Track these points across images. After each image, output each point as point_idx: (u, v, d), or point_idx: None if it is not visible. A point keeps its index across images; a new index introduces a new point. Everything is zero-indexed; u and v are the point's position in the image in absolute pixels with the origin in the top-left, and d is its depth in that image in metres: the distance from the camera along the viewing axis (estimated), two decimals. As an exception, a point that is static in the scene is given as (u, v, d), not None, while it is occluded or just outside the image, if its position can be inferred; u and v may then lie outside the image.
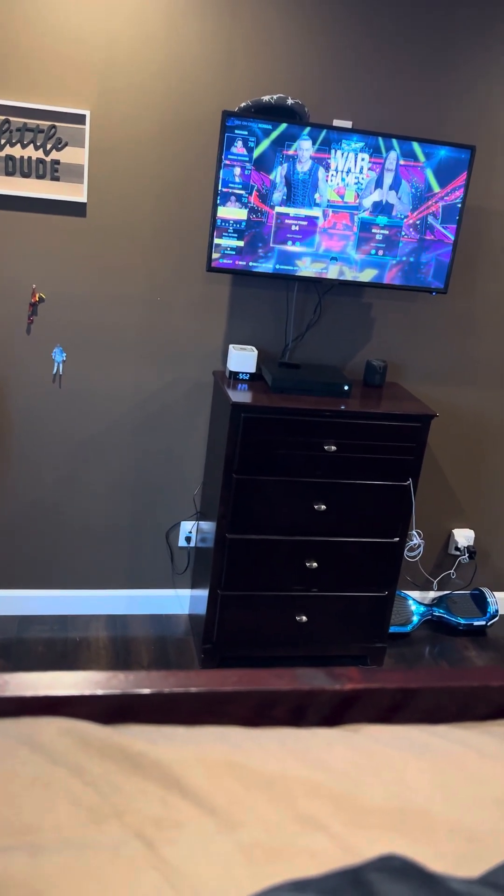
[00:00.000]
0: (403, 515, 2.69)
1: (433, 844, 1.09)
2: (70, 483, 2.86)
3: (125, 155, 2.53)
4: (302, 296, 2.79)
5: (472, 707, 1.42)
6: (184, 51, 2.45)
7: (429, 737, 1.29)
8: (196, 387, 2.84)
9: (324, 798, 1.13)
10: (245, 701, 1.32)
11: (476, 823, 1.13)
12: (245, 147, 2.37)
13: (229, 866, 1.01)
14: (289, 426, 2.50)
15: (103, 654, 2.83)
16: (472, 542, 3.26)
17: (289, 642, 2.79)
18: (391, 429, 2.57)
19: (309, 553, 2.67)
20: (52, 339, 2.67)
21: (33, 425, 2.76)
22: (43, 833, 1.03)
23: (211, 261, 2.46)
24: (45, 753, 1.14)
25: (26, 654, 2.77)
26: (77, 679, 1.28)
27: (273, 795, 1.13)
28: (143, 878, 0.97)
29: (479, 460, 3.18)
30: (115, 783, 1.12)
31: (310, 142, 2.40)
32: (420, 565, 3.28)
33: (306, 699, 1.34)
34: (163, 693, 1.29)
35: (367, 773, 1.19)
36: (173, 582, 3.09)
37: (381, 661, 2.90)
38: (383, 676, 1.38)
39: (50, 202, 2.52)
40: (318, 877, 0.88)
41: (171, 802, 1.10)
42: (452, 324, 2.94)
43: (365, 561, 2.72)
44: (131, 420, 2.83)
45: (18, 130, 2.40)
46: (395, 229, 2.54)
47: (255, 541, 2.62)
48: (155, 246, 2.64)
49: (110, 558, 3.00)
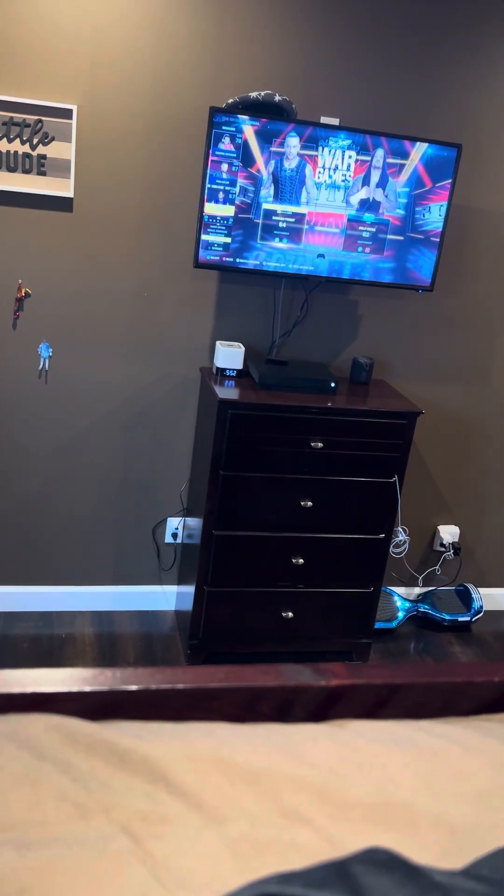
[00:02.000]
0: (389, 512, 2.71)
1: (417, 837, 1.10)
2: (56, 479, 2.86)
3: (112, 150, 2.52)
4: (289, 293, 2.80)
5: (456, 702, 1.43)
6: (171, 46, 2.45)
7: (413, 732, 1.30)
8: (183, 383, 2.84)
9: (309, 792, 1.14)
10: (231, 697, 1.33)
11: (459, 817, 1.14)
12: (232, 143, 2.37)
13: (216, 860, 1.02)
14: (276, 423, 2.50)
15: (89, 650, 2.83)
16: (457, 539, 3.28)
17: (275, 638, 2.80)
18: (377, 426, 2.58)
19: (295, 549, 2.68)
20: (38, 334, 2.66)
21: (19, 421, 2.75)
22: (30, 828, 1.03)
23: (198, 257, 2.46)
24: (32, 749, 1.14)
25: (11, 650, 2.77)
26: (64, 675, 1.28)
27: (259, 790, 1.14)
28: (130, 873, 0.98)
29: (464, 457, 3.20)
30: (102, 779, 1.12)
31: (297, 139, 2.40)
32: (405, 561, 3.30)
33: (292, 695, 1.35)
34: (150, 689, 1.29)
35: (352, 767, 1.20)
36: (160, 578, 3.10)
37: (367, 657, 2.92)
38: (368, 672, 1.39)
39: (36, 197, 2.52)
40: (304, 870, 0.89)
41: (158, 797, 1.11)
42: (439, 321, 2.96)
43: (351, 557, 2.73)
44: (118, 416, 2.83)
45: (4, 125, 2.39)
46: (381, 227, 2.55)
47: (242, 537, 2.63)
48: (142, 242, 2.64)
49: (96, 554, 3.00)
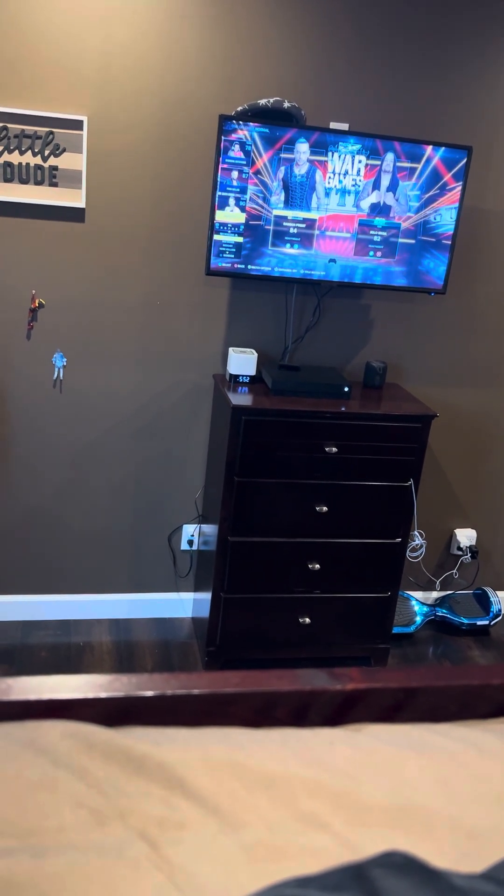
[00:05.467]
0: (405, 516, 2.70)
1: (435, 841, 1.09)
2: (72, 488, 2.87)
3: (123, 160, 2.54)
4: (301, 298, 2.80)
5: (473, 705, 1.42)
6: (180, 55, 2.47)
7: (430, 735, 1.29)
8: (196, 390, 2.84)
9: (325, 797, 1.14)
10: (247, 702, 1.32)
11: (477, 820, 1.13)
12: (242, 151, 2.38)
13: (232, 866, 1.02)
14: (289, 428, 2.50)
15: (107, 658, 2.84)
16: (474, 542, 3.26)
17: (292, 644, 2.80)
18: (392, 430, 2.57)
19: (311, 555, 2.67)
20: (52, 344, 2.68)
21: (34, 431, 2.77)
22: (47, 835, 1.03)
23: (210, 264, 2.47)
24: (48, 756, 1.14)
25: (30, 659, 2.78)
26: (80, 682, 1.29)
27: (275, 795, 1.13)
28: (147, 879, 0.98)
29: (480, 460, 3.19)
30: (119, 785, 1.12)
31: (307, 144, 2.41)
32: (422, 565, 3.29)
33: (308, 700, 1.35)
34: (165, 695, 1.29)
35: (369, 771, 1.19)
36: (176, 585, 3.10)
37: (385, 662, 2.91)
38: (384, 676, 1.38)
39: (48, 208, 2.54)
40: (321, 874, 0.89)
41: (175, 803, 1.11)
42: (452, 324, 2.95)
43: (367, 562, 2.72)
44: (132, 424, 2.84)
45: (16, 137, 2.42)
46: (393, 230, 2.55)
47: (258, 543, 2.62)
48: (154, 250, 2.65)
49: (113, 562, 3.00)
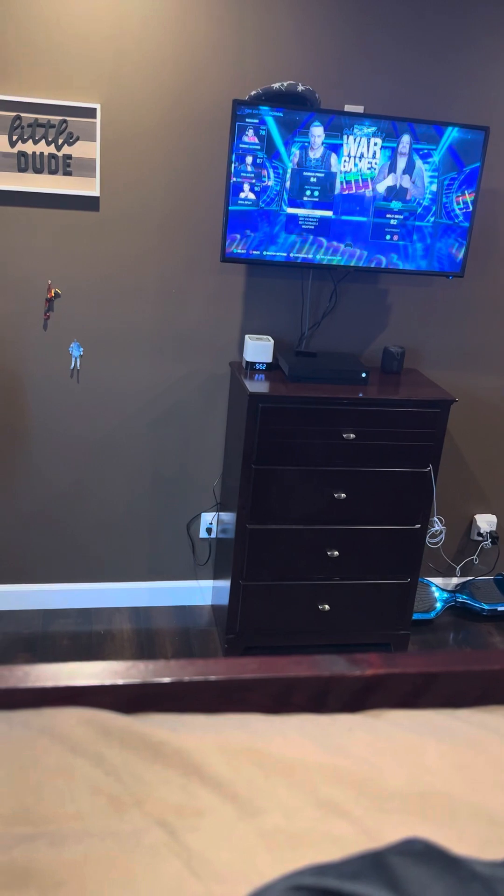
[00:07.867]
0: (424, 502, 2.68)
1: (455, 828, 1.08)
2: (90, 477, 2.87)
3: (136, 147, 2.52)
4: (317, 283, 2.77)
5: (493, 691, 1.40)
6: (192, 40, 2.44)
7: (450, 721, 1.28)
8: (213, 378, 2.83)
9: (345, 784, 1.13)
10: (265, 688, 1.32)
11: (499, 806, 1.12)
12: (256, 135, 2.35)
13: (251, 853, 1.01)
14: (307, 415, 2.49)
15: (127, 646, 2.84)
16: (494, 527, 3.23)
17: (312, 631, 2.79)
18: (410, 415, 2.55)
19: (330, 542, 2.66)
20: (68, 334, 2.68)
21: (53, 421, 2.77)
22: (64, 822, 1.03)
23: (225, 251, 2.46)
24: (66, 743, 1.14)
25: (51, 647, 2.79)
26: (97, 669, 1.29)
27: (294, 781, 1.13)
28: (165, 866, 0.97)
29: (499, 444, 3.15)
30: (136, 772, 1.12)
31: (321, 128, 2.38)
32: (442, 551, 3.26)
33: (326, 685, 1.34)
34: (183, 681, 1.29)
35: (388, 757, 1.18)
36: (195, 573, 3.10)
37: (405, 648, 2.89)
38: (404, 661, 1.37)
39: (63, 197, 2.53)
40: (339, 861, 0.88)
41: (192, 790, 1.10)
42: (470, 308, 2.91)
43: (387, 548, 2.71)
44: (149, 412, 2.83)
45: (30, 126, 2.41)
46: (409, 214, 2.52)
47: (276, 530, 2.62)
48: (168, 237, 2.64)
49: (132, 551, 3.01)
